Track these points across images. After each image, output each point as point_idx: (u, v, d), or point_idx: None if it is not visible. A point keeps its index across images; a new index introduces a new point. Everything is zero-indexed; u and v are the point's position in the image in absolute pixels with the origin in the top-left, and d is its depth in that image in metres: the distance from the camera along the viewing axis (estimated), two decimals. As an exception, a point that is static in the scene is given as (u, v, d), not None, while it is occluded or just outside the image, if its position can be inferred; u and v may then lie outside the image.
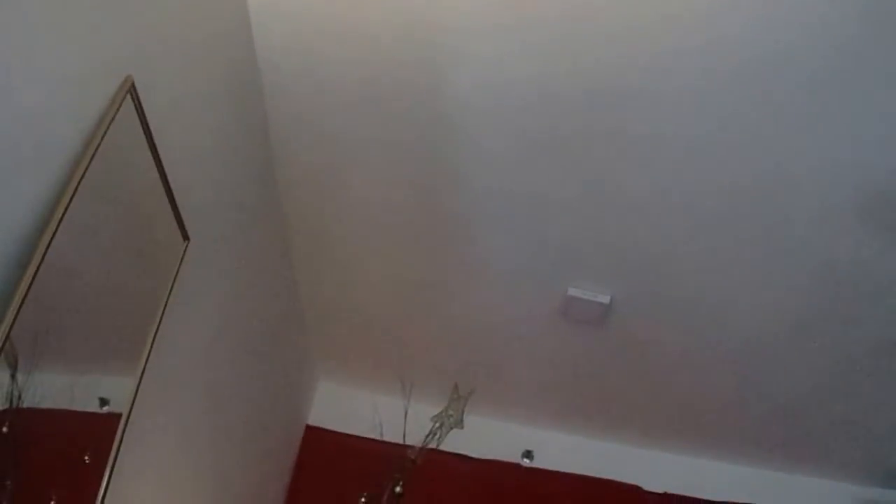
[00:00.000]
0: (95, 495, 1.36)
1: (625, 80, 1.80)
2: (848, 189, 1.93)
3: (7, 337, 1.05)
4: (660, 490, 3.04)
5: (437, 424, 2.48)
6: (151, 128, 1.39)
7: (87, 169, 1.19)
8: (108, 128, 1.25)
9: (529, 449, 3.11)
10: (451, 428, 2.48)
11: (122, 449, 1.42)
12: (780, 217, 2.06)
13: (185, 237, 1.63)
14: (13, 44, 1.04)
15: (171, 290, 1.57)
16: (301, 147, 2.17)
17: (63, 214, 1.14)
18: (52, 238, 1.12)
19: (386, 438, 2.55)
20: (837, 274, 2.18)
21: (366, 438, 2.84)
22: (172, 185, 1.51)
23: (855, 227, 2.02)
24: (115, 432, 1.42)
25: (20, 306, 1.06)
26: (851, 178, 1.91)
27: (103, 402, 1.42)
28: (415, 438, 2.48)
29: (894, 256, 2.06)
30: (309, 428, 3.16)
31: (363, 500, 2.39)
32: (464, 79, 1.89)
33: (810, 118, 1.80)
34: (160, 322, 1.54)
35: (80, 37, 1.20)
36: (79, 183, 1.17)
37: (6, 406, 1.08)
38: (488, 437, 3.00)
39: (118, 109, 1.28)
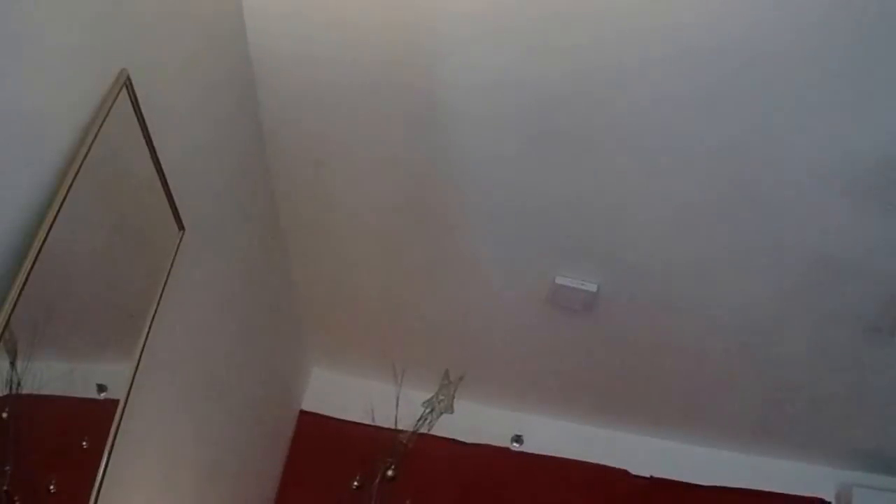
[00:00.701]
0: (93, 479, 1.39)
1: (615, 80, 1.82)
2: (832, 176, 1.95)
3: (7, 325, 1.06)
4: (646, 474, 3.07)
5: (428, 409, 2.50)
6: (147, 120, 1.41)
7: (83, 160, 1.21)
8: (104, 120, 1.26)
9: (519, 433, 3.13)
10: (442, 413, 2.50)
11: (119, 434, 1.45)
12: (764, 205, 2.08)
13: (181, 227, 1.64)
14: (9, 37, 1.05)
15: (166, 279, 1.59)
16: (294, 139, 2.18)
17: (61, 205, 1.16)
18: (50, 228, 1.13)
19: (378, 423, 2.56)
20: (820, 263, 2.20)
21: (358, 423, 2.86)
22: (168, 177, 1.53)
23: (837, 215, 2.05)
24: (112, 418, 1.44)
25: (19, 295, 1.08)
26: (837, 165, 1.93)
27: (101, 388, 1.44)
28: (406, 423, 2.50)
29: (875, 241, 2.09)
30: (303, 413, 3.18)
31: (356, 483, 2.41)
32: (454, 80, 1.91)
33: (797, 112, 1.82)
34: (156, 310, 1.56)
35: (75, 30, 1.21)
36: (76, 174, 1.19)
37: (6, 392, 1.10)
38: (478, 421, 3.03)
39: (114, 102, 1.29)
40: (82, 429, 1.39)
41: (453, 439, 2.97)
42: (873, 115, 1.79)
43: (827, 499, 3.00)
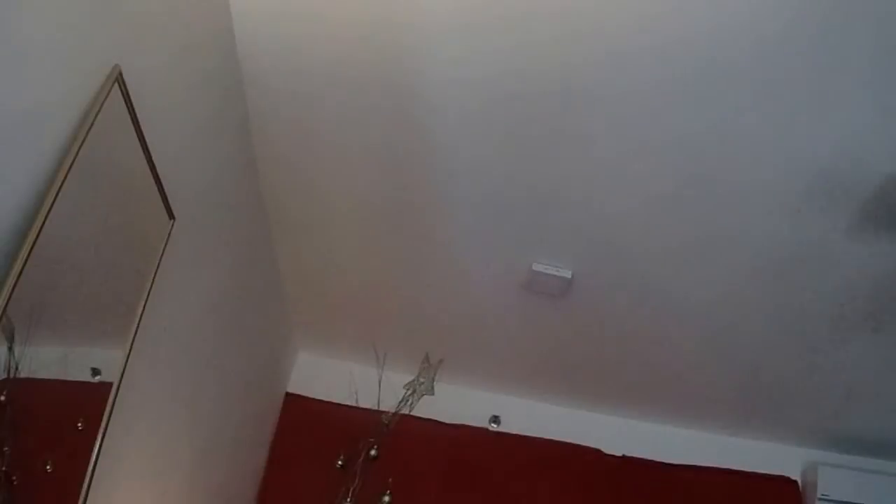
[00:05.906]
0: (88, 459, 1.43)
1: (589, 75, 1.86)
2: (794, 172, 2.01)
3: (4, 311, 1.10)
4: (619, 453, 3.13)
5: (410, 391, 2.53)
6: (138, 114, 1.44)
7: (77, 153, 1.24)
8: (97, 114, 1.29)
9: (496, 414, 3.17)
10: (423, 395, 2.52)
11: (112, 416, 1.48)
12: (729, 195, 2.13)
13: (171, 216, 1.67)
14: (3, 35, 1.08)
15: (157, 267, 1.62)
16: (279, 132, 2.21)
17: (56, 196, 1.19)
18: (45, 218, 1.17)
19: (361, 405, 2.61)
20: (784, 253, 2.26)
21: (342, 405, 2.90)
22: (158, 168, 1.56)
23: (800, 208, 2.11)
24: (106, 400, 1.48)
25: (16, 282, 1.11)
26: (796, 162, 1.98)
27: (95, 371, 1.47)
28: (388, 405, 2.53)
29: (834, 232, 2.15)
30: (289, 395, 3.21)
31: (340, 462, 2.44)
32: (434, 74, 1.95)
33: (760, 110, 1.87)
34: (148, 296, 1.59)
35: (69, 28, 1.23)
36: (70, 166, 1.22)
37: (4, 376, 1.13)
38: (457, 403, 3.06)
39: (107, 97, 1.32)
40: (77, 411, 1.43)
41: (433, 420, 3.00)
42: (829, 119, 1.84)
43: (793, 477, 3.06)
